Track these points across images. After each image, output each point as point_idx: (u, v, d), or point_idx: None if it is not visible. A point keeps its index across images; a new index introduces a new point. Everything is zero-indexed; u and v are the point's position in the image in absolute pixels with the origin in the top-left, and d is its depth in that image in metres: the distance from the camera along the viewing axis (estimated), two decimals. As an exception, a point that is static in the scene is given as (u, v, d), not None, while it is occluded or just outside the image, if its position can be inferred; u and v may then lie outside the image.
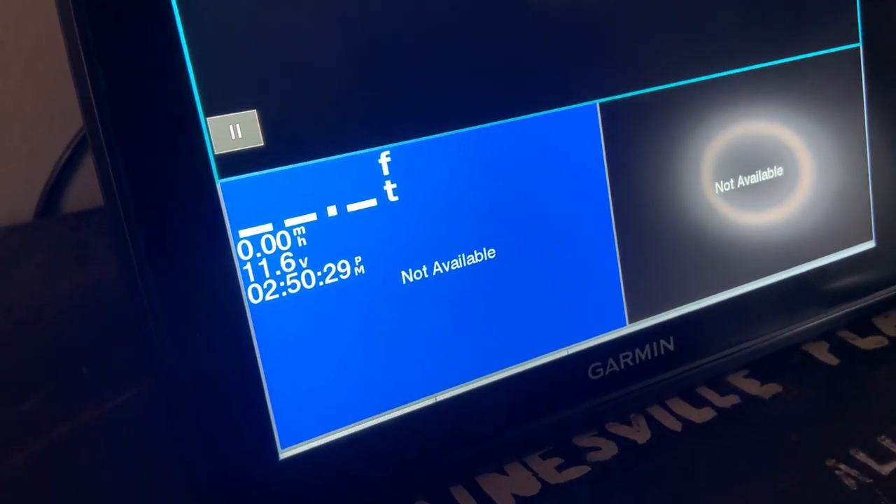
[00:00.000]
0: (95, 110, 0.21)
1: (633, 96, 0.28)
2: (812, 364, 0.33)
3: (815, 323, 0.33)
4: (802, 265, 0.32)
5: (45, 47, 0.43)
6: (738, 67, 0.30)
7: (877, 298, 0.34)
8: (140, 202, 0.21)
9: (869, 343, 0.34)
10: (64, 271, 0.39)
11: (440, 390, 0.26)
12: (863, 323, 0.35)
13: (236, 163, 0.23)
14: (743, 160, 0.31)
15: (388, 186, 0.25)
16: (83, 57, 0.20)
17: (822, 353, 0.33)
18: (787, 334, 0.33)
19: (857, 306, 0.34)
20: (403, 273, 0.25)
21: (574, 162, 0.28)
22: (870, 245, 0.34)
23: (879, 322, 0.35)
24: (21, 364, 0.33)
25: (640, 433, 0.29)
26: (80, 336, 0.34)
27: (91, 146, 0.21)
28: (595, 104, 0.28)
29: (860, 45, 0.32)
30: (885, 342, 0.34)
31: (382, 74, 0.24)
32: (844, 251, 0.33)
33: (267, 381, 0.24)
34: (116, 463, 0.27)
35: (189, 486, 0.23)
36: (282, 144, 0.23)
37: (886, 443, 0.28)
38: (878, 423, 0.29)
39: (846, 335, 0.34)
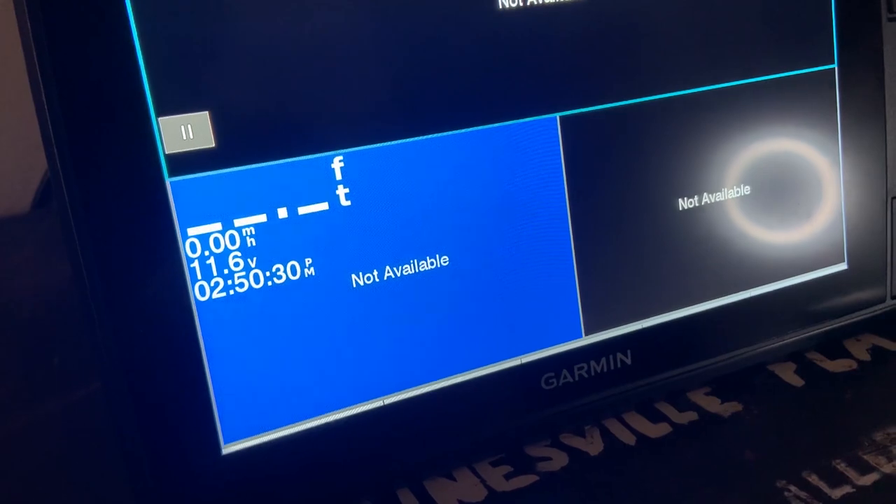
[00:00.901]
0: (46, 107, 0.21)
1: (595, 111, 0.28)
2: (776, 384, 0.33)
3: (783, 343, 0.33)
4: (769, 285, 0.32)
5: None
6: (705, 85, 0.30)
7: (848, 321, 0.34)
8: (88, 197, 0.22)
9: (837, 366, 0.33)
10: (53, 263, 0.40)
11: (388, 394, 0.27)
12: (833, 345, 0.35)
13: (187, 162, 0.23)
14: (709, 178, 0.31)
15: (341, 191, 0.25)
16: (35, 55, 0.21)
17: (788, 373, 0.33)
18: (752, 353, 0.33)
19: (828, 328, 0.34)
20: (354, 276, 0.26)
21: (532, 174, 0.28)
22: (841, 267, 0.34)
23: (851, 345, 0.35)
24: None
25: (592, 445, 0.30)
26: (58, 327, 0.34)
27: (43, 142, 0.22)
28: (555, 117, 0.28)
29: (835, 66, 0.32)
30: (854, 366, 0.33)
31: (338, 80, 0.25)
32: (814, 272, 0.33)
33: (212, 377, 0.24)
34: (67, 454, 0.28)
35: (132, 478, 0.24)
36: (234, 146, 0.24)
37: (841, 467, 0.28)
38: (835, 447, 0.29)
39: (815, 357, 0.34)
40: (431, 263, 0.27)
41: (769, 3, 0.31)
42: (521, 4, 0.27)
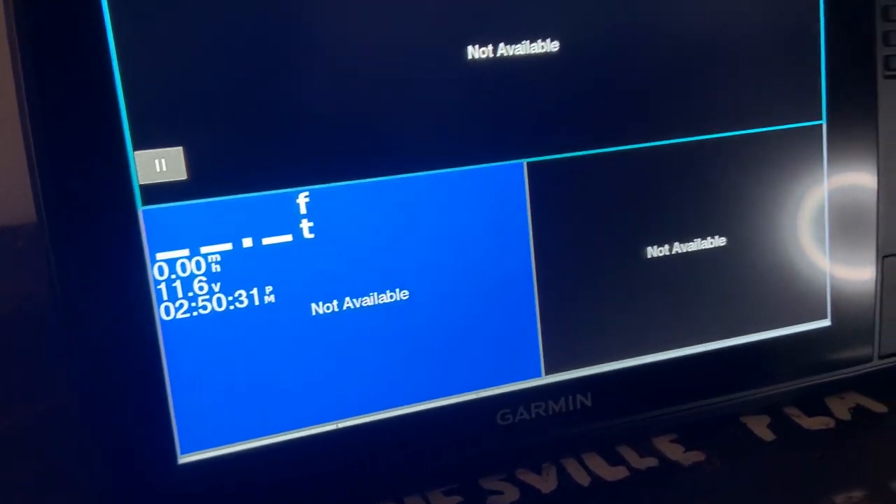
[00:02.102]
0: (31, 136, 0.24)
1: (563, 158, 0.29)
2: (745, 437, 0.33)
3: (759, 395, 0.33)
4: (743, 337, 0.32)
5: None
6: (681, 137, 0.30)
7: (830, 378, 0.34)
8: (67, 219, 0.24)
9: (813, 423, 0.33)
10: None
11: (342, 418, 0.28)
12: (814, 401, 0.34)
13: (159, 193, 0.25)
14: (681, 227, 0.31)
15: (305, 224, 0.27)
16: (24, 88, 0.23)
17: (761, 427, 0.33)
18: (724, 403, 0.33)
19: (807, 384, 0.34)
20: (314, 305, 0.27)
21: (498, 216, 0.29)
22: (824, 324, 0.33)
23: (833, 403, 0.34)
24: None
25: (546, 483, 0.30)
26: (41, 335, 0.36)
27: (28, 167, 0.24)
28: (522, 163, 0.29)
29: (824, 122, 0.32)
30: (832, 424, 0.33)
31: (307, 119, 0.26)
32: (794, 327, 0.33)
33: (172, 391, 0.26)
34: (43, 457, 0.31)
35: (94, 482, 0.26)
36: (205, 179, 0.26)
37: (791, 526, 0.28)
38: (792, 504, 0.29)
39: (792, 412, 0.34)
40: (391, 297, 0.28)
41: (754, 53, 0.31)
42: (491, 56, 0.28)
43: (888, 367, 0.34)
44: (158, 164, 0.25)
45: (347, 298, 0.28)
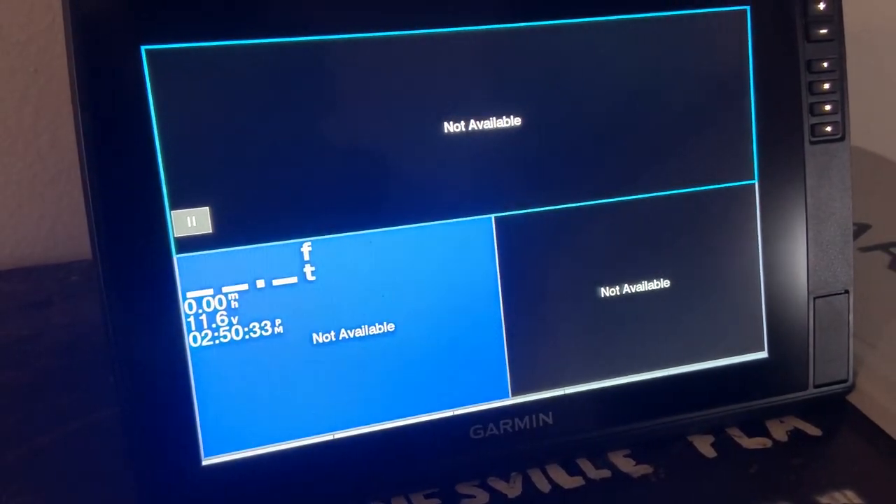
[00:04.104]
0: (90, 196, 0.30)
1: (527, 213, 0.35)
2: (690, 454, 0.37)
3: (704, 417, 0.38)
4: (688, 366, 0.37)
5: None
6: (630, 195, 0.36)
7: (769, 404, 0.39)
8: (116, 266, 0.31)
9: (752, 443, 0.38)
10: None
11: (337, 430, 0.34)
12: (755, 424, 0.39)
13: (191, 243, 0.31)
14: (630, 272, 0.36)
15: (308, 269, 0.33)
16: (85, 158, 0.30)
17: (705, 445, 0.38)
18: (672, 424, 0.38)
19: (749, 408, 0.38)
20: (315, 335, 0.33)
21: (471, 262, 0.34)
22: (762, 355, 0.38)
23: (773, 425, 0.39)
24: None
25: (512, 489, 0.35)
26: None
27: (87, 220, 0.30)
28: (490, 218, 0.34)
29: (756, 181, 0.37)
30: (769, 444, 0.38)
31: (310, 183, 0.32)
32: (734, 358, 0.38)
33: (198, 403, 0.32)
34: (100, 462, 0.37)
35: (134, 480, 0.32)
36: (226, 232, 0.32)
37: (719, 531, 0.32)
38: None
39: (734, 432, 0.39)
40: (380, 329, 0.34)
41: (693, 122, 0.36)
42: (463, 129, 0.34)
43: (823, 395, 0.39)
44: (190, 221, 0.31)
45: (343, 330, 0.33)
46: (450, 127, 0.34)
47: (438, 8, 0.33)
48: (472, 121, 0.34)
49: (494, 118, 0.34)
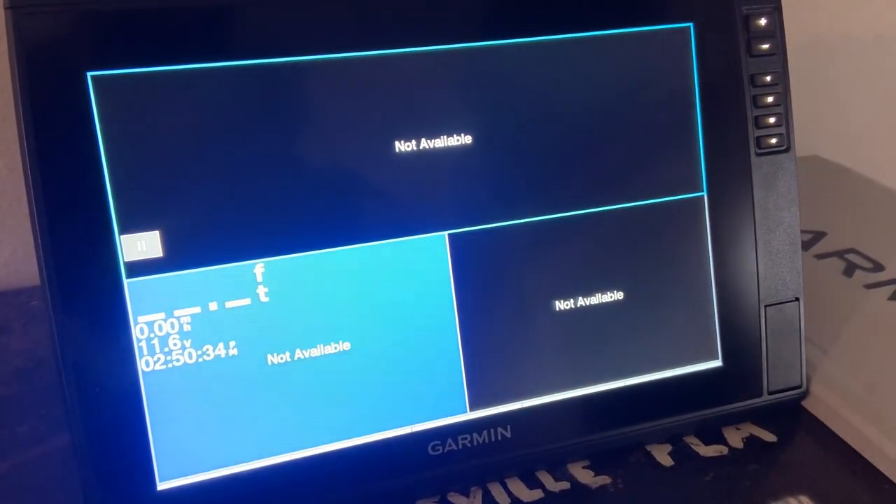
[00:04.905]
0: (37, 222, 0.30)
1: (479, 230, 0.35)
2: (648, 463, 0.38)
3: (661, 426, 0.38)
4: (643, 376, 0.38)
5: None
6: (581, 209, 0.36)
7: (725, 411, 0.39)
8: (66, 290, 0.30)
9: (709, 451, 0.38)
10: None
11: (295, 450, 0.34)
12: (712, 431, 0.39)
13: (141, 268, 0.31)
14: (583, 285, 0.37)
15: (261, 290, 0.33)
16: (31, 184, 0.30)
17: (662, 454, 0.38)
18: (630, 433, 0.38)
19: (705, 416, 0.39)
20: (269, 356, 0.33)
21: (424, 280, 0.35)
22: (716, 364, 0.39)
23: (729, 433, 0.39)
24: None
25: (472, 504, 0.36)
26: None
27: (35, 249, 0.30)
28: (444, 235, 0.35)
29: (704, 194, 0.38)
30: (725, 451, 0.38)
31: (259, 205, 0.33)
32: (689, 367, 0.38)
33: (151, 429, 0.32)
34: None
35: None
36: (177, 256, 0.32)
37: (676, 538, 0.33)
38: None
39: (691, 440, 0.39)
40: (335, 348, 0.34)
41: (642, 137, 0.37)
42: (415, 148, 0.34)
43: (778, 401, 0.40)
44: (140, 245, 0.31)
45: (298, 350, 0.34)
46: (401, 146, 0.34)
47: (387, 29, 0.33)
48: (424, 139, 0.34)
49: (445, 136, 0.34)
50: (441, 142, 0.34)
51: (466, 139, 0.35)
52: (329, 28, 0.33)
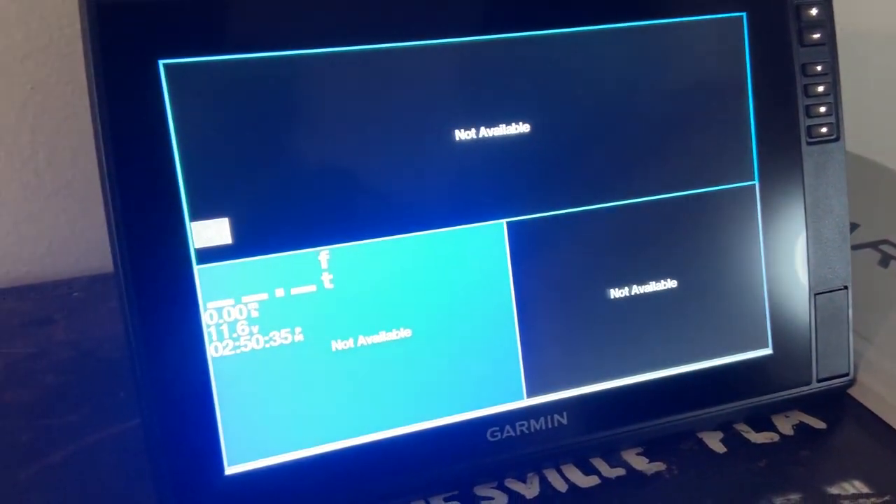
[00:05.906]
0: (112, 211, 0.30)
1: (537, 217, 0.35)
2: (700, 450, 0.38)
3: (712, 414, 0.39)
4: (695, 364, 0.38)
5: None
6: (635, 198, 0.37)
7: (774, 399, 0.39)
8: (138, 277, 0.31)
9: (760, 438, 0.39)
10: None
11: (357, 435, 0.34)
12: (762, 419, 0.40)
13: (210, 254, 0.32)
14: (638, 273, 0.37)
15: (326, 277, 0.33)
16: (106, 176, 0.30)
17: (714, 441, 0.39)
18: (682, 421, 0.38)
19: (755, 404, 0.39)
20: (333, 342, 0.34)
21: (483, 268, 0.35)
22: (766, 352, 0.39)
23: (779, 420, 0.40)
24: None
25: (530, 490, 0.36)
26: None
27: (108, 236, 0.31)
28: (502, 223, 0.35)
29: (756, 182, 0.38)
30: (776, 438, 0.39)
31: (326, 193, 0.33)
32: (740, 355, 0.39)
33: (220, 413, 0.32)
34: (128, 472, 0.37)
35: (156, 492, 0.32)
36: (245, 243, 0.32)
37: (735, 522, 0.33)
38: (737, 507, 0.34)
39: (742, 428, 0.39)
40: (397, 335, 0.34)
41: (695, 126, 0.37)
42: (474, 137, 0.34)
43: (826, 389, 0.40)
44: (209, 232, 0.32)
45: (361, 336, 0.34)
46: (461, 134, 0.34)
47: (448, 19, 0.34)
48: (483, 128, 0.35)
49: (504, 125, 0.35)
50: (500, 130, 0.35)
51: (524, 128, 0.35)
52: (396, 17, 0.33)
